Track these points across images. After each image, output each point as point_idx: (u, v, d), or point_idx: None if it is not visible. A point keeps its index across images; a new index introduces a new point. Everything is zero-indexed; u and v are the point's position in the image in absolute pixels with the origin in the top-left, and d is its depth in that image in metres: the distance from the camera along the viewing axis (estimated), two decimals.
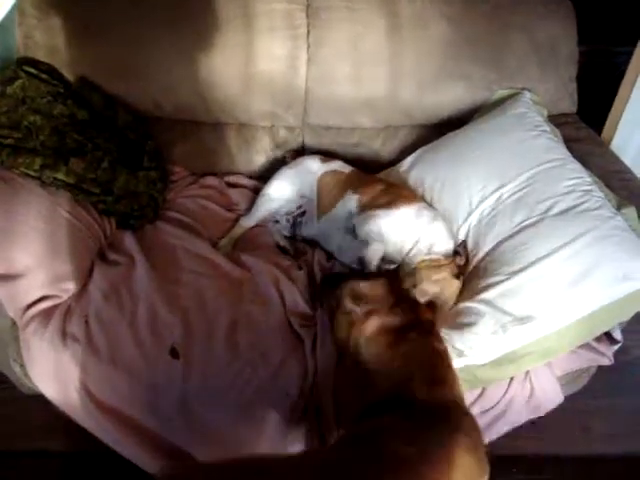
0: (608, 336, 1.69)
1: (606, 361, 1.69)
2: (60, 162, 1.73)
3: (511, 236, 1.64)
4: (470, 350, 1.51)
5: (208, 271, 1.76)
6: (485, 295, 1.57)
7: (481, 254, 1.68)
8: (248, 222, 2.03)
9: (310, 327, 1.66)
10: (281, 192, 2.03)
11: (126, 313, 1.61)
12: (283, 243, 1.98)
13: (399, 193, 1.84)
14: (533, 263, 1.56)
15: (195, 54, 1.98)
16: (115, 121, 1.98)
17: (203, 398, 1.54)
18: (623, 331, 1.72)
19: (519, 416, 1.70)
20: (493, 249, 1.66)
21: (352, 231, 1.82)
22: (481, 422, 1.65)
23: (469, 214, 1.76)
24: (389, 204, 1.78)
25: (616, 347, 1.70)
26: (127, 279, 1.70)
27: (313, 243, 1.99)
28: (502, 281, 1.56)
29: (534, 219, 1.64)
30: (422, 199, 1.85)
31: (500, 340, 1.51)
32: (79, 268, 1.70)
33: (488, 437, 1.69)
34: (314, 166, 2.03)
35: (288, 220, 2.02)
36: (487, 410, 1.66)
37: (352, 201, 1.86)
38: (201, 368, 1.53)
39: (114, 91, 2.04)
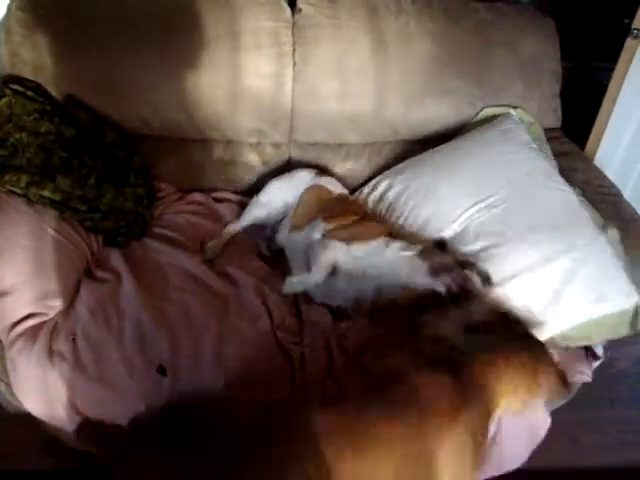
0: (589, 351, 1.70)
1: (585, 378, 1.70)
2: (47, 179, 1.73)
3: (495, 247, 1.65)
4: None
5: (195, 287, 1.76)
6: None
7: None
8: (234, 227, 2.04)
9: (297, 343, 1.66)
10: (270, 200, 2.05)
11: (113, 330, 1.60)
12: (264, 251, 1.99)
13: (366, 228, 1.83)
14: (511, 277, 1.57)
15: (182, 71, 1.99)
16: (102, 138, 1.98)
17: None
18: (608, 344, 1.74)
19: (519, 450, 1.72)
20: (475, 257, 1.66)
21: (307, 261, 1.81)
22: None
23: (452, 222, 1.76)
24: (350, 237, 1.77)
25: (597, 363, 1.71)
26: (114, 296, 1.69)
27: None
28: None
29: (517, 232, 1.65)
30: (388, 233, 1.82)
31: None
32: (66, 285, 1.69)
33: None
34: (306, 178, 2.04)
35: (272, 227, 2.04)
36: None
37: (319, 230, 1.84)
38: (188, 385, 1.53)
39: (101, 108, 2.03)
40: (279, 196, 2.05)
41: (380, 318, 1.63)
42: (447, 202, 1.79)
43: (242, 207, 2.12)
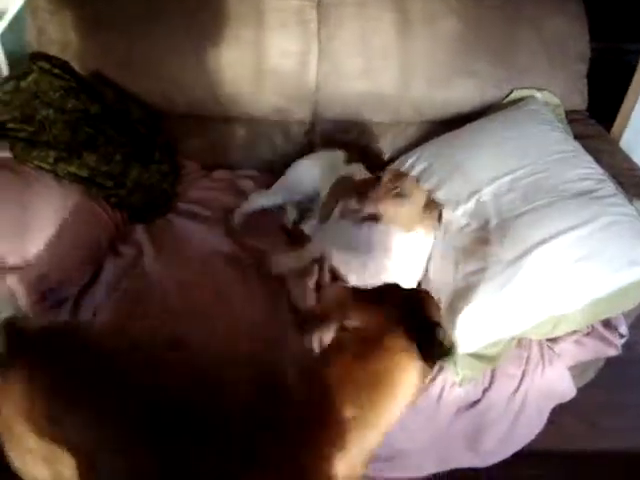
0: (613, 329, 1.70)
1: (613, 351, 1.69)
2: (73, 155, 1.75)
3: (524, 214, 1.64)
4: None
5: (218, 261, 1.77)
6: (493, 272, 1.57)
7: (492, 228, 1.66)
8: (259, 198, 2.04)
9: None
10: (298, 179, 2.04)
11: (136, 304, 1.62)
12: (289, 227, 1.99)
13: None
14: (542, 242, 1.56)
15: (206, 49, 2.00)
16: (127, 115, 2.00)
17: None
18: (630, 327, 1.73)
19: (537, 411, 1.73)
20: (504, 224, 1.64)
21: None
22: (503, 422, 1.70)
23: (476, 195, 1.74)
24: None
25: (622, 341, 1.71)
26: (136, 269, 1.73)
27: None
28: (515, 258, 1.56)
29: (546, 200, 1.64)
30: None
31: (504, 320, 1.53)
32: (91, 260, 1.73)
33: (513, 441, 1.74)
34: (335, 161, 2.02)
35: (297, 210, 2.04)
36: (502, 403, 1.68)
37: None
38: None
39: (126, 85, 2.05)
40: (307, 176, 2.03)
41: None
42: (472, 176, 1.78)
43: (266, 185, 2.11)
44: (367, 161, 2.08)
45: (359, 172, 1.98)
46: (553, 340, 1.67)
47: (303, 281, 1.67)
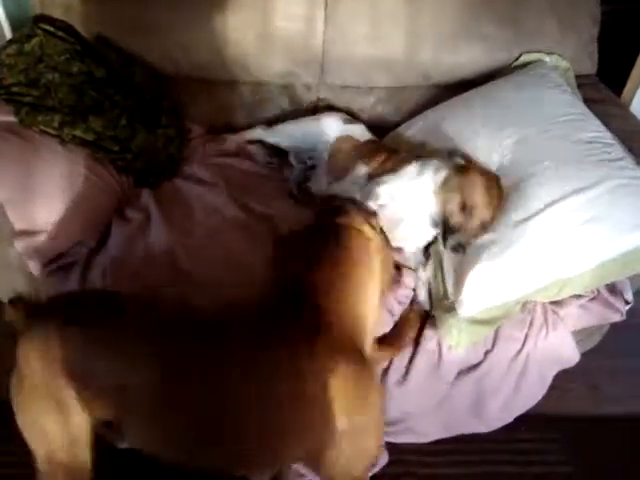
0: (618, 295, 1.70)
1: (618, 317, 1.70)
2: (79, 120, 1.74)
3: (532, 175, 1.63)
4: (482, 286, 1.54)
5: (224, 224, 1.78)
6: (502, 233, 1.58)
7: None
8: (261, 131, 2.10)
9: None
10: (297, 133, 2.05)
11: (143, 266, 1.64)
12: (295, 191, 1.98)
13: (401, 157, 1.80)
14: (551, 204, 1.56)
15: (212, 12, 1.98)
16: (132, 79, 1.98)
17: None
18: (635, 293, 1.73)
19: (540, 375, 1.74)
20: (514, 185, 1.64)
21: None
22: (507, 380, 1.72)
23: (486, 153, 1.74)
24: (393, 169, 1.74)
25: (627, 307, 1.72)
26: (144, 234, 1.73)
27: None
28: (522, 220, 1.57)
29: (554, 163, 1.64)
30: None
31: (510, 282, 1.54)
32: (98, 224, 1.74)
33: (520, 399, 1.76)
34: (333, 125, 2.01)
35: (300, 169, 2.04)
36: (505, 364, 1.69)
37: (362, 172, 1.83)
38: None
39: (131, 49, 2.04)
40: (307, 135, 2.03)
41: None
42: (479, 137, 1.78)
43: (273, 148, 2.12)
44: (374, 126, 2.08)
45: (362, 132, 1.99)
46: (557, 304, 1.67)
47: None
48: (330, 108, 2.18)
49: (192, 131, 2.16)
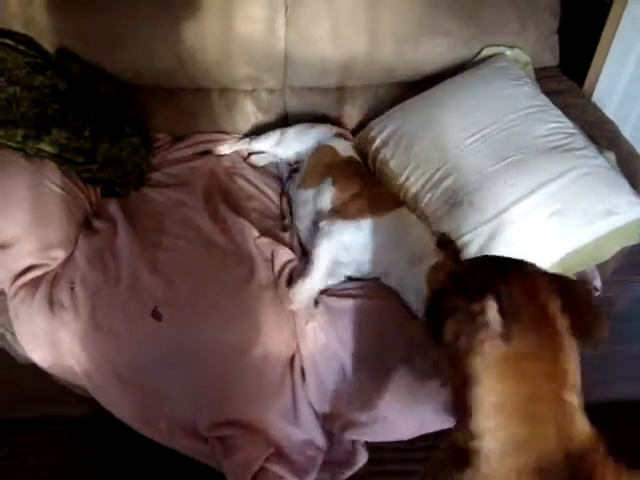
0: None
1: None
2: (42, 133, 1.74)
3: (496, 172, 1.64)
4: None
5: (192, 235, 1.77)
6: (470, 236, 1.60)
7: (466, 189, 1.67)
8: (255, 143, 2.10)
9: None
10: (293, 139, 2.06)
11: (109, 278, 1.64)
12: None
13: (376, 198, 1.76)
14: (516, 201, 1.57)
15: (173, 20, 1.97)
16: (95, 90, 1.97)
17: (187, 358, 1.59)
18: (607, 283, 1.75)
19: None
20: (477, 185, 1.65)
21: (316, 225, 1.78)
22: None
23: (449, 153, 1.75)
24: (358, 212, 1.71)
25: (597, 294, 1.73)
26: (110, 245, 1.73)
27: None
28: (489, 220, 1.58)
29: (518, 156, 1.65)
30: (399, 204, 1.76)
31: None
32: (66, 236, 1.73)
33: None
34: (324, 134, 2.03)
35: (286, 171, 2.08)
36: None
37: (326, 196, 1.82)
38: (185, 329, 1.58)
39: (93, 60, 2.03)
40: (299, 140, 2.05)
41: None
42: (443, 135, 1.79)
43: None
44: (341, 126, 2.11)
45: (345, 148, 1.98)
46: None
47: None
48: (297, 111, 2.20)
49: (158, 140, 2.17)
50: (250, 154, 2.15)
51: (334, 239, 1.66)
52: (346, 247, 1.67)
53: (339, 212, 1.74)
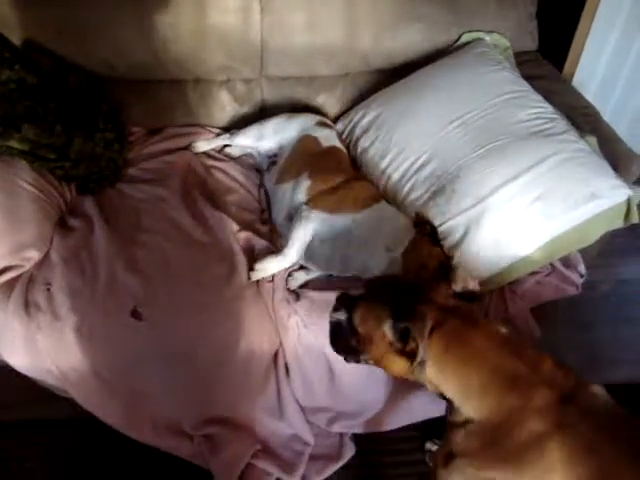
0: (572, 269, 1.72)
1: (574, 290, 1.71)
2: (11, 130, 1.68)
3: (478, 158, 1.64)
4: None
5: (170, 231, 1.74)
6: (453, 222, 1.59)
7: (448, 176, 1.66)
8: (236, 138, 2.06)
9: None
10: (274, 131, 2.00)
11: (87, 278, 1.60)
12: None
13: (353, 192, 1.73)
14: (499, 187, 1.56)
15: (145, 10, 1.92)
16: (66, 84, 1.92)
17: (170, 357, 1.56)
18: (588, 267, 1.75)
19: None
20: (459, 171, 1.64)
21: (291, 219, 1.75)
22: None
23: (430, 140, 1.73)
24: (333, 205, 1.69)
25: (582, 280, 1.73)
26: (87, 244, 1.69)
27: None
28: (472, 206, 1.57)
29: (500, 142, 1.65)
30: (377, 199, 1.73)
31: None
32: (40, 236, 1.68)
33: None
34: (306, 124, 1.98)
35: (265, 163, 2.03)
36: None
37: (302, 190, 1.78)
38: (166, 328, 1.55)
39: (64, 53, 1.98)
40: (279, 132, 2.00)
41: None
42: (423, 123, 1.77)
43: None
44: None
45: (328, 138, 1.94)
46: (515, 282, 1.67)
47: None
48: (274, 102, 2.16)
49: (133, 133, 2.12)
50: (225, 145, 2.12)
51: (312, 223, 1.65)
52: (321, 238, 1.65)
53: (315, 204, 1.71)
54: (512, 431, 1.08)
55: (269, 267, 1.66)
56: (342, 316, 1.29)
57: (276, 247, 1.75)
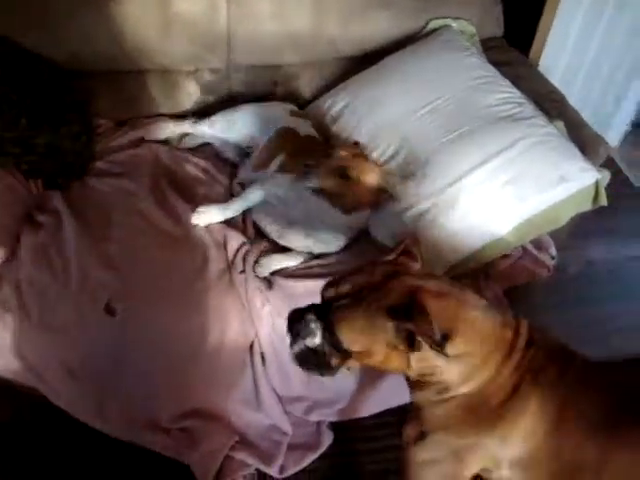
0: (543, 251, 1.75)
1: (545, 272, 1.74)
2: None
3: (448, 143, 1.65)
4: None
5: (141, 225, 1.72)
6: (425, 204, 1.59)
7: (419, 161, 1.66)
8: (199, 126, 2.03)
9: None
10: (242, 122, 1.98)
11: (57, 275, 1.58)
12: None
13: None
14: (469, 171, 1.58)
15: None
16: (30, 76, 1.87)
17: (144, 351, 1.55)
18: (558, 249, 1.78)
19: None
20: (431, 156, 1.65)
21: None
22: None
23: (400, 127, 1.74)
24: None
25: (553, 262, 1.76)
26: (56, 240, 1.66)
27: None
28: (444, 188, 1.58)
29: (470, 127, 1.66)
30: None
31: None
32: (6, 235, 1.65)
33: None
34: (279, 114, 1.96)
35: (235, 154, 2.02)
36: None
37: (276, 162, 1.80)
38: (140, 322, 1.53)
39: (27, 44, 1.91)
40: (249, 122, 1.97)
41: None
42: (392, 110, 1.78)
43: None
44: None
45: (304, 127, 1.92)
46: (487, 264, 1.69)
47: None
48: (242, 91, 2.15)
49: (100, 125, 2.07)
50: (184, 135, 2.08)
51: (268, 184, 1.70)
52: (281, 199, 1.69)
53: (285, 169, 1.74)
54: (496, 393, 1.10)
55: (210, 212, 1.71)
56: (315, 340, 1.12)
57: (248, 237, 1.74)
